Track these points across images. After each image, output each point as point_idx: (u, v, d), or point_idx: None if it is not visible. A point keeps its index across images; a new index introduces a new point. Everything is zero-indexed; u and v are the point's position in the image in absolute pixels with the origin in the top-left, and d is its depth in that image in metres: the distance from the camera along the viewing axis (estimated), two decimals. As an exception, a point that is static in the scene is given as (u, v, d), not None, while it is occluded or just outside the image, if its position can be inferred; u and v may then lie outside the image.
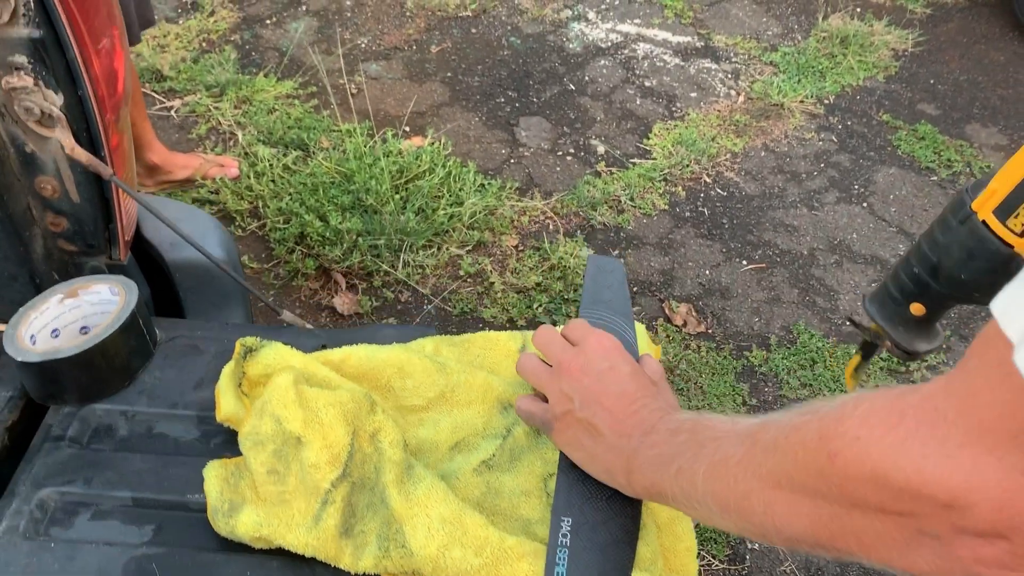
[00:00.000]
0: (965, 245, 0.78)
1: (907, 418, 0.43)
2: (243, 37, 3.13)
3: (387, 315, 2.23)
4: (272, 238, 2.36)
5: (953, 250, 0.80)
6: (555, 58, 3.12)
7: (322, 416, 0.72)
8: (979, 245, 0.77)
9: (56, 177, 0.82)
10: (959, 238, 0.79)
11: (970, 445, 0.39)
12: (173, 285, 0.97)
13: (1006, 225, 0.74)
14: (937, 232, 0.82)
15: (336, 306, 2.25)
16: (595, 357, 0.75)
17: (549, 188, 2.59)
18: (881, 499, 0.44)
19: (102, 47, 0.79)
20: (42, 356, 0.76)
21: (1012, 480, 0.38)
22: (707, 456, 0.61)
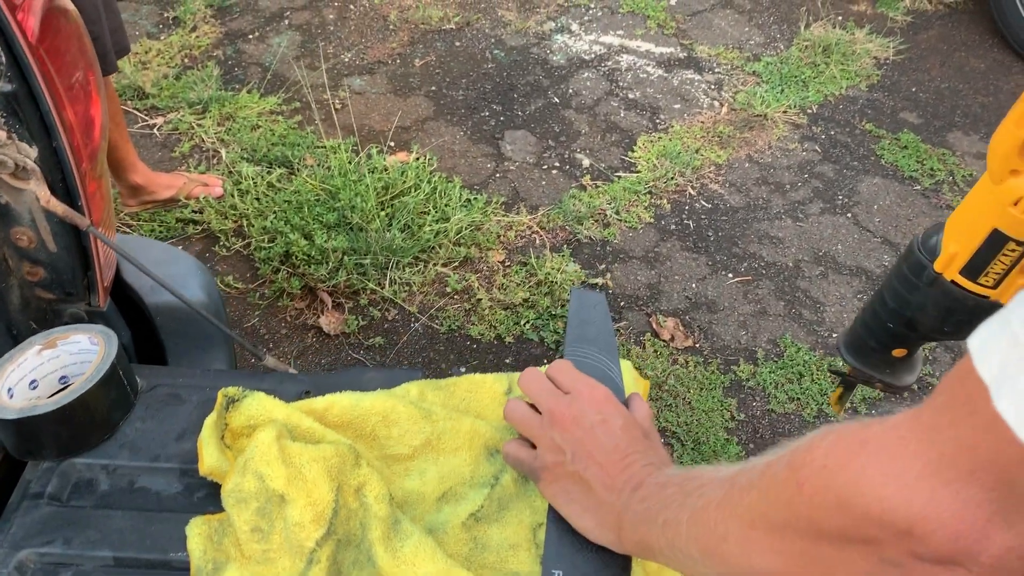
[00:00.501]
0: (940, 304, 0.78)
1: (871, 446, 0.44)
2: (226, 52, 3.12)
3: (374, 334, 2.22)
4: (257, 257, 2.35)
5: (928, 309, 0.80)
6: (539, 71, 3.11)
7: (306, 472, 0.71)
8: (955, 303, 0.76)
9: (32, 228, 0.80)
10: (932, 298, 0.78)
11: (929, 476, 0.40)
12: (155, 328, 0.96)
13: (978, 283, 0.73)
14: (902, 291, 0.81)
15: (322, 326, 2.24)
16: (587, 408, 0.74)
17: (535, 202, 2.58)
18: (845, 526, 0.45)
19: (77, 97, 0.78)
20: (19, 413, 0.75)
21: (968, 512, 0.39)
22: (691, 504, 0.61)
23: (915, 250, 0.80)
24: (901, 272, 0.82)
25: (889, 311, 0.85)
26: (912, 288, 0.80)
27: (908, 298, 0.81)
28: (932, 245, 0.78)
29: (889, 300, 0.84)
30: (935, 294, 0.78)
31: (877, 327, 0.89)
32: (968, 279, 0.74)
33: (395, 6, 3.41)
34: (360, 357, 2.17)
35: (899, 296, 0.83)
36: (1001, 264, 0.70)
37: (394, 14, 3.36)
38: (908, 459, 0.41)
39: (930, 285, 0.77)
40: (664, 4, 3.46)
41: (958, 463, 0.39)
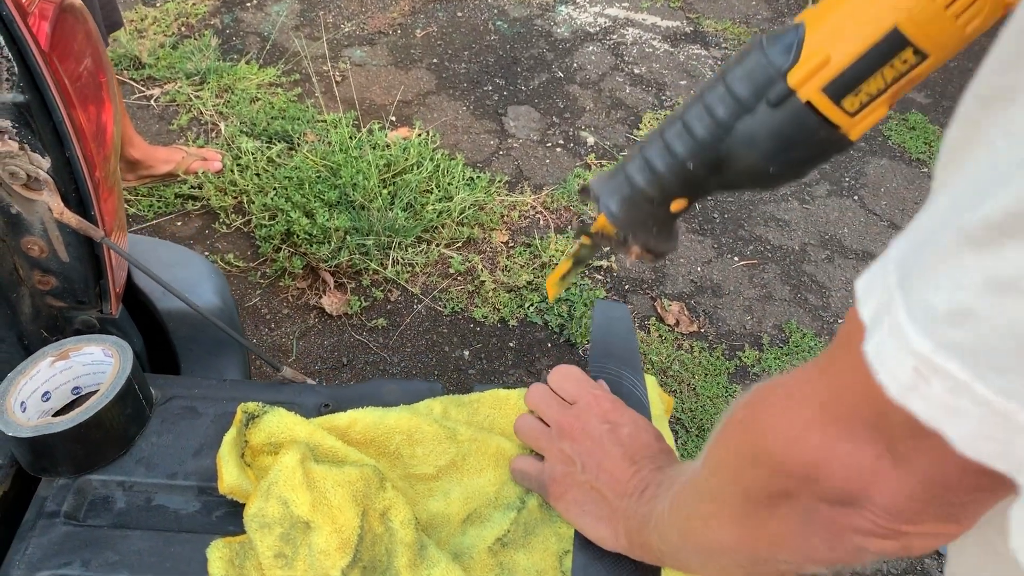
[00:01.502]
0: (782, 133, 0.59)
1: (776, 395, 0.45)
2: (223, 21, 3.05)
3: (377, 315, 2.20)
4: (258, 235, 2.32)
5: (759, 141, 0.60)
6: (543, 43, 3.06)
7: (330, 498, 0.69)
8: (799, 134, 0.58)
9: (43, 238, 0.78)
10: (771, 125, 0.59)
11: (820, 420, 0.41)
12: (167, 334, 0.94)
13: (840, 105, 0.56)
14: (725, 116, 0.62)
15: (324, 306, 2.22)
16: (594, 418, 0.75)
17: (539, 181, 2.55)
18: (765, 482, 0.45)
19: (89, 101, 0.75)
20: (34, 431, 0.73)
21: (855, 452, 0.39)
22: (672, 492, 0.62)
23: (759, 58, 0.59)
24: (729, 90, 0.61)
25: (696, 143, 0.64)
26: (743, 110, 0.60)
27: (733, 125, 0.61)
28: (784, 49, 0.58)
29: (699, 130, 0.63)
30: (777, 119, 0.59)
31: (668, 167, 0.66)
32: (831, 99, 0.57)
33: (396, -26, 3.34)
34: (363, 339, 2.15)
35: (718, 123, 0.62)
36: (881, 81, 0.54)
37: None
38: (804, 405, 0.42)
39: (774, 106, 0.58)
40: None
41: (841, 405, 0.40)
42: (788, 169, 0.61)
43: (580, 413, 0.76)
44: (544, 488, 0.75)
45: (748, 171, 0.63)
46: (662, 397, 0.88)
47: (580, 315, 2.17)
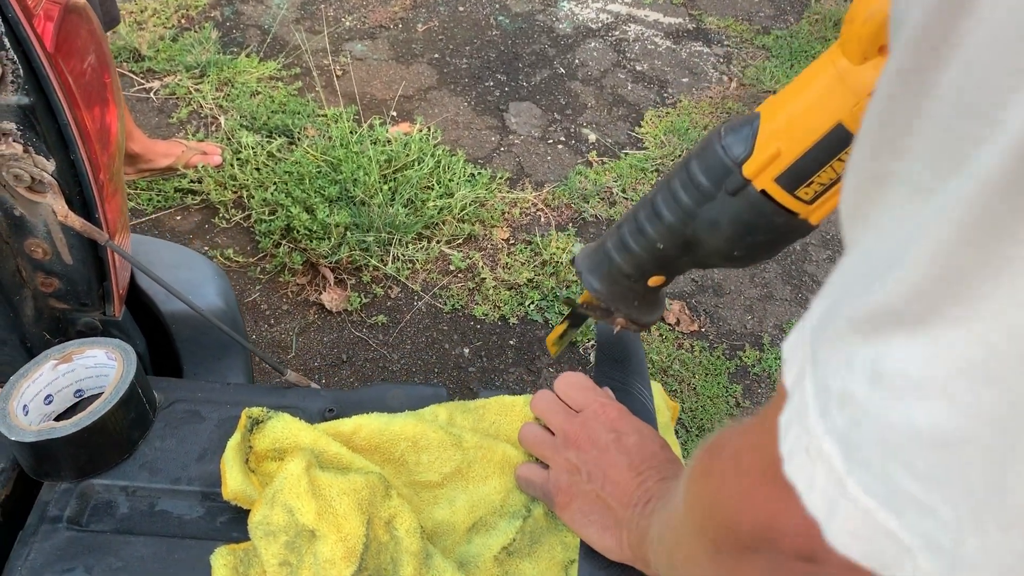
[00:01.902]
0: (739, 220, 0.63)
1: (728, 453, 0.44)
2: (223, 14, 3.03)
3: (377, 312, 2.19)
4: (257, 230, 2.31)
5: (722, 226, 0.64)
6: (545, 39, 3.05)
7: (336, 506, 0.69)
8: (759, 220, 0.61)
9: (47, 240, 0.77)
10: (731, 211, 0.63)
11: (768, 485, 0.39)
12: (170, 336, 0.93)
13: (794, 195, 0.59)
14: (689, 202, 0.65)
15: (324, 302, 2.21)
16: (601, 427, 0.74)
17: (540, 178, 2.54)
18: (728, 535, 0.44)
19: (94, 103, 0.74)
20: (37, 436, 0.72)
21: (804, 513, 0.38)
22: (661, 519, 0.61)
23: (716, 150, 0.62)
24: (692, 178, 0.64)
25: (664, 227, 0.68)
26: (705, 198, 0.64)
27: (696, 211, 0.65)
28: (739, 143, 0.61)
29: (667, 213, 0.67)
30: (736, 207, 0.62)
31: (642, 247, 0.70)
32: (785, 189, 0.59)
33: (397, -32, 3.32)
34: (363, 335, 2.15)
35: (683, 208, 0.66)
36: (832, 172, 0.57)
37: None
38: (750, 464, 0.41)
39: (732, 195, 0.62)
40: (673, -28, 3.39)
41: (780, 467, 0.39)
42: (754, 251, 0.65)
43: (586, 421, 0.75)
44: (549, 497, 0.75)
45: (716, 253, 0.67)
46: (668, 404, 0.87)
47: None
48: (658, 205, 0.68)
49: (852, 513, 0.31)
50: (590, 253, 0.77)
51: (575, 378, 0.79)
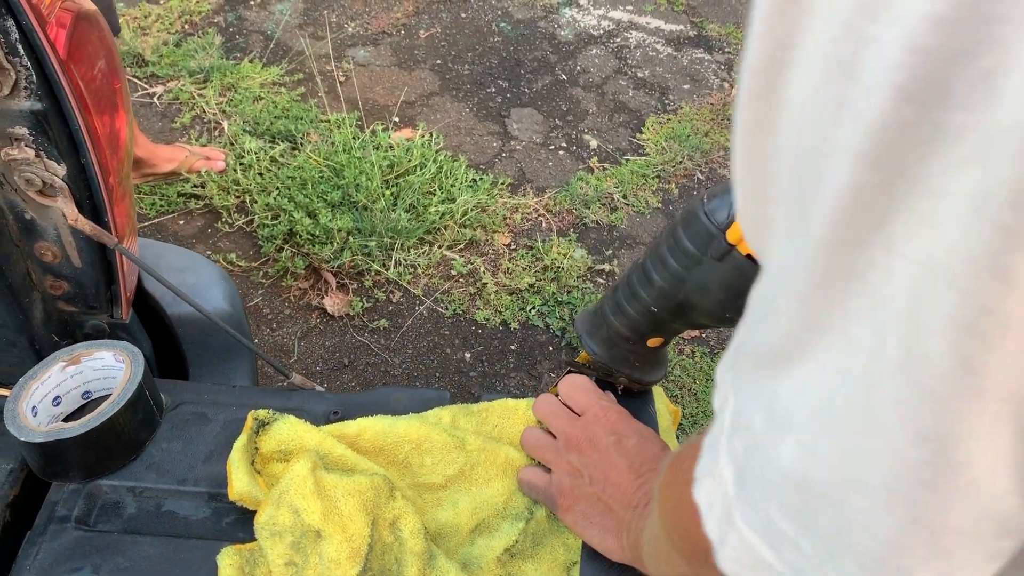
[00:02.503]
0: (728, 284, 0.64)
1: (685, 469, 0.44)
2: (227, 19, 3.05)
3: (379, 316, 2.20)
4: (260, 235, 2.32)
5: (712, 290, 0.66)
6: (547, 46, 3.06)
7: (341, 507, 0.70)
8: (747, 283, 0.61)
9: (57, 243, 0.78)
10: (719, 276, 0.65)
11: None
12: (175, 338, 0.94)
13: None
14: (678, 267, 0.67)
15: (327, 307, 2.22)
16: (602, 430, 0.75)
17: (541, 184, 2.55)
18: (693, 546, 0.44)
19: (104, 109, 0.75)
20: (46, 436, 0.73)
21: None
22: (647, 524, 0.62)
23: (700, 217, 0.64)
24: (678, 244, 0.66)
25: (656, 292, 0.70)
26: (693, 264, 0.66)
27: (685, 276, 0.67)
28: (723, 210, 0.63)
29: (658, 278, 0.69)
30: (723, 271, 0.64)
31: (636, 312, 0.73)
32: None
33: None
34: (364, 340, 2.16)
35: (673, 274, 0.68)
36: None
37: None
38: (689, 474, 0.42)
39: (719, 260, 0.64)
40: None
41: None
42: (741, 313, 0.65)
43: (587, 425, 0.76)
44: (552, 500, 0.75)
45: (708, 315, 0.69)
46: (669, 409, 0.88)
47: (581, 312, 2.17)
48: (648, 270, 0.70)
49: (737, 543, 0.33)
50: (588, 317, 0.79)
51: (579, 380, 0.80)
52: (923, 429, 0.25)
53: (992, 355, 0.23)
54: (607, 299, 0.77)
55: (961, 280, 0.22)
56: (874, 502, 0.27)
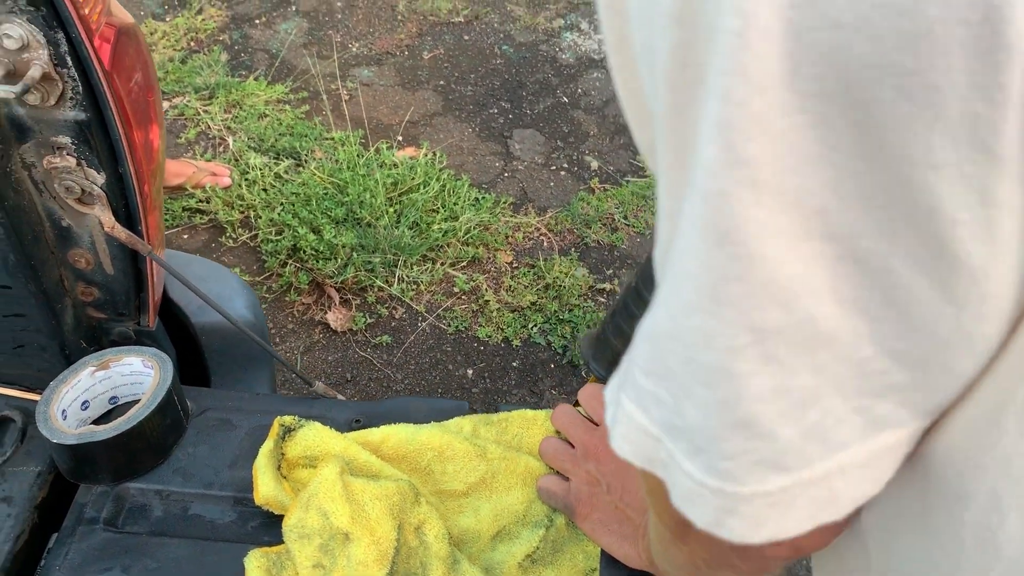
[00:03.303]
0: None
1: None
2: (232, 37, 3.08)
3: (381, 332, 2.22)
4: (264, 250, 2.34)
5: None
6: (548, 68, 3.11)
7: (369, 511, 0.72)
8: None
9: (91, 250, 0.80)
10: None
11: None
12: (199, 347, 0.96)
13: None
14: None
15: (329, 322, 2.23)
16: None
17: (543, 204, 2.58)
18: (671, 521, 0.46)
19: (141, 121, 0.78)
20: (78, 439, 0.75)
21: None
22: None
23: None
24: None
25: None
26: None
27: None
28: None
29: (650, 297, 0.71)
30: None
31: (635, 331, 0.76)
32: None
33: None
34: (367, 355, 2.17)
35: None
36: None
37: (402, 4, 3.34)
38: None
39: None
40: (673, 6, 3.46)
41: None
42: None
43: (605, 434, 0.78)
44: (570, 509, 0.77)
45: None
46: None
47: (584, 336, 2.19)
48: (640, 290, 0.74)
49: (621, 418, 0.36)
50: (592, 341, 0.82)
51: (599, 390, 0.82)
52: (718, 230, 0.27)
53: (752, 144, 0.26)
54: (607, 323, 0.80)
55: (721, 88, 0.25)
56: (703, 314, 0.30)
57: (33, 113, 0.70)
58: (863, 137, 0.25)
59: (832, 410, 0.30)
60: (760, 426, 0.31)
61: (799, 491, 0.32)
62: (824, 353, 0.29)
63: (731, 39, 0.25)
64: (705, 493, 0.33)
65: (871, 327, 0.28)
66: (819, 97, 0.25)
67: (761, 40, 0.24)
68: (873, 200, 0.26)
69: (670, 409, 0.33)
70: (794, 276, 0.28)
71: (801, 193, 0.26)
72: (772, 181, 0.26)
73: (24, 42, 0.65)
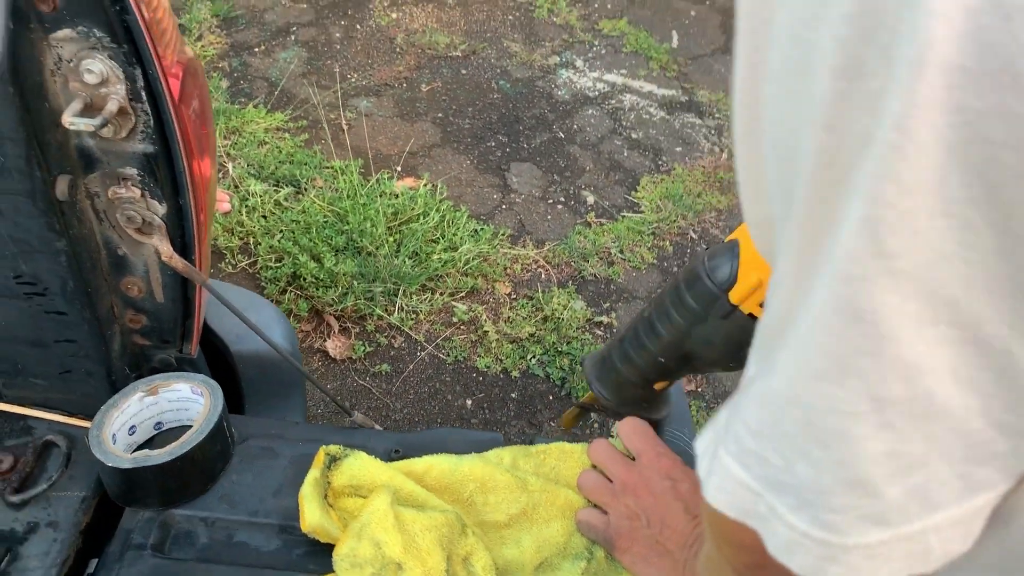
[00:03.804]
0: (732, 338, 0.69)
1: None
2: (231, 64, 3.11)
3: (380, 361, 2.23)
4: (263, 277, 2.34)
5: (716, 343, 0.70)
6: (544, 104, 3.16)
7: (419, 541, 0.73)
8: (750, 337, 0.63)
9: (144, 278, 0.82)
10: (723, 332, 0.69)
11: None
12: (235, 374, 0.97)
13: None
14: (682, 322, 0.71)
15: (329, 350, 2.24)
16: (656, 475, 0.79)
17: (541, 236, 2.62)
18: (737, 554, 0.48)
19: (201, 153, 0.80)
20: (133, 463, 0.76)
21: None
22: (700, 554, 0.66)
23: (703, 277, 0.69)
24: (682, 301, 0.71)
25: (663, 344, 0.74)
26: (697, 320, 0.70)
27: (689, 330, 0.71)
28: (724, 272, 0.68)
29: (663, 331, 0.73)
30: (728, 328, 0.68)
31: (644, 361, 0.77)
32: None
33: (402, 29, 3.43)
34: (366, 384, 2.18)
35: (678, 328, 0.72)
36: None
37: (401, 37, 3.38)
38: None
39: (723, 318, 0.68)
40: (666, 47, 3.54)
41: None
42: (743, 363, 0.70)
43: (643, 470, 0.81)
44: (610, 542, 0.79)
45: (712, 364, 0.74)
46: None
47: (581, 369, 2.22)
48: (653, 323, 0.75)
49: (719, 470, 0.39)
50: (597, 363, 0.84)
51: (638, 424, 0.84)
52: (855, 310, 0.31)
53: (895, 239, 0.29)
54: (614, 348, 0.82)
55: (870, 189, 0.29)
56: (830, 383, 0.33)
57: (103, 144, 0.72)
58: (1000, 237, 0.29)
59: (937, 474, 0.33)
60: (869, 485, 0.34)
61: (897, 545, 0.35)
62: (937, 424, 0.32)
63: (887, 150, 0.28)
64: (808, 543, 0.36)
65: (983, 403, 0.32)
66: (964, 203, 0.28)
67: (917, 152, 0.28)
68: (1002, 291, 0.30)
69: (778, 468, 0.36)
70: (919, 356, 0.31)
71: (935, 285, 0.30)
72: (909, 272, 0.30)
73: (104, 77, 0.67)
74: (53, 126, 0.69)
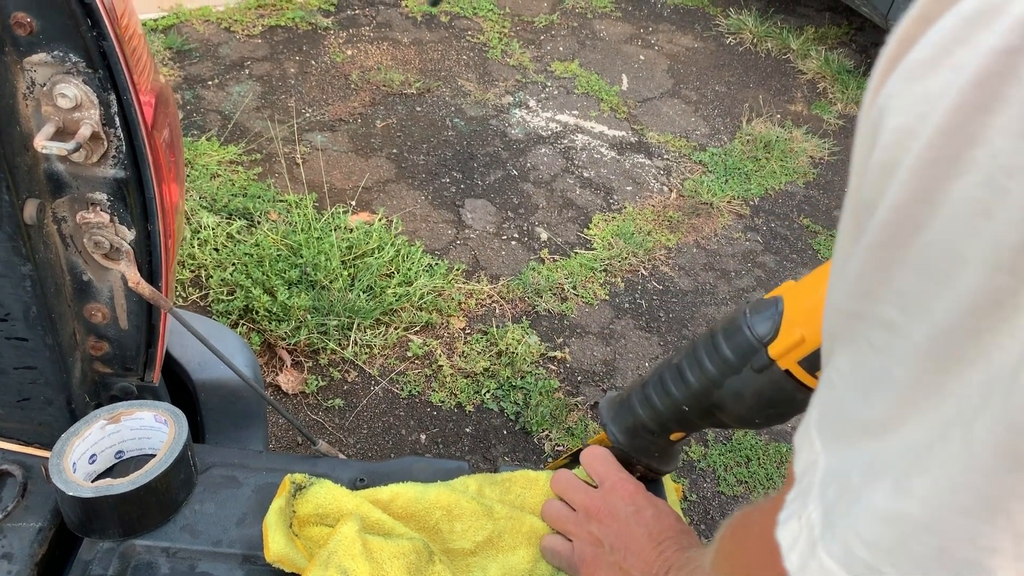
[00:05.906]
0: (764, 394, 0.68)
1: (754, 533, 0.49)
2: (185, 97, 3.09)
3: (333, 395, 2.21)
4: (214, 310, 2.31)
5: (746, 397, 0.70)
6: (498, 142, 3.20)
7: (387, 569, 0.73)
8: (781, 394, 0.67)
9: (108, 305, 0.81)
10: (755, 386, 0.68)
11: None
12: (196, 403, 0.96)
13: (815, 375, 0.64)
14: (715, 372, 0.71)
15: (281, 384, 2.22)
16: (620, 501, 0.81)
17: (495, 272, 2.64)
18: None
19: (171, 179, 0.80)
20: (95, 492, 0.74)
21: None
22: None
23: (743, 328, 0.68)
24: (718, 351, 0.70)
25: (691, 392, 0.74)
26: (731, 371, 0.70)
27: (721, 381, 0.71)
28: (765, 326, 0.67)
29: (693, 379, 0.73)
30: (761, 382, 0.68)
31: (666, 407, 0.77)
32: (807, 371, 0.65)
33: (357, 66, 3.46)
34: (319, 419, 2.16)
35: (708, 377, 0.72)
36: None
37: (355, 74, 3.41)
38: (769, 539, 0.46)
39: (758, 371, 0.67)
40: (616, 89, 3.62)
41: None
42: (772, 420, 0.72)
43: (606, 496, 0.82)
44: (574, 568, 0.80)
45: (737, 419, 0.73)
46: (672, 485, 0.95)
47: (536, 403, 2.23)
48: (684, 370, 0.75)
49: (817, 570, 0.38)
50: (615, 404, 0.83)
51: (599, 451, 0.85)
52: (1017, 457, 0.32)
53: None
54: (635, 391, 0.82)
55: None
56: (976, 520, 0.34)
57: (73, 169, 0.72)
58: None
59: None
60: None
61: None
62: None
63: None
64: None
65: None
66: None
67: None
68: None
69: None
70: None
71: None
72: None
73: (78, 102, 0.67)
74: (23, 150, 0.69)
